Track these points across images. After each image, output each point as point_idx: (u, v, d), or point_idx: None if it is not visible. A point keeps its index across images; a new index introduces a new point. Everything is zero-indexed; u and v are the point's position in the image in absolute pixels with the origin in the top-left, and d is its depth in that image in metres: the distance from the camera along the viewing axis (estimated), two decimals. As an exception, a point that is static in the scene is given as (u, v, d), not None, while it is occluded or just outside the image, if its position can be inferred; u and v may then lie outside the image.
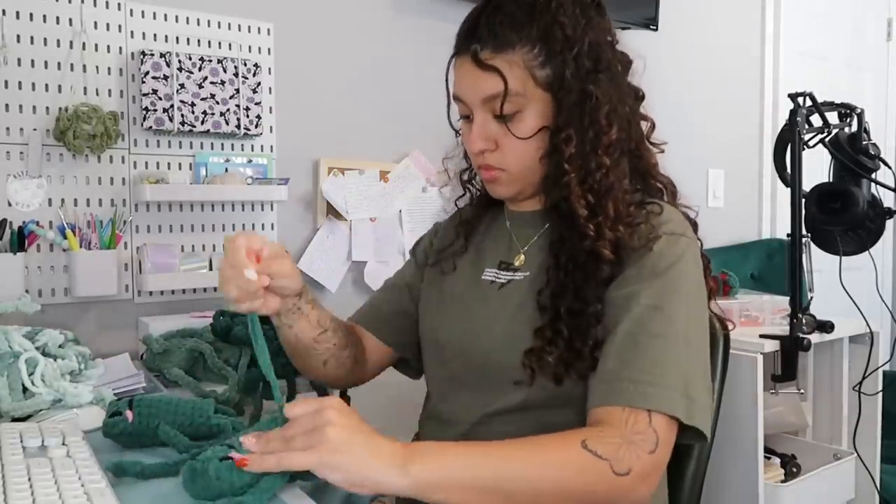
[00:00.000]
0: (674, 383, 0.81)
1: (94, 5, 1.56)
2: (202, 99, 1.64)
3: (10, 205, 1.48)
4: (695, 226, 0.98)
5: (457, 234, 1.10)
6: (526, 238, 1.01)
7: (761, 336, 1.62)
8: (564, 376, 0.87)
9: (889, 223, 1.74)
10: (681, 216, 0.95)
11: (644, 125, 1.00)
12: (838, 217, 1.70)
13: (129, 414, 0.89)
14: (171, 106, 1.61)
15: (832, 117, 1.72)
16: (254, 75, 1.71)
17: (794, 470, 1.70)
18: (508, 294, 0.96)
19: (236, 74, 1.68)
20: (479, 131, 0.93)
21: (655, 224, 0.90)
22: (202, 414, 0.92)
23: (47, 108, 1.51)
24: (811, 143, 1.70)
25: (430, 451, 0.76)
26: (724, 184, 2.85)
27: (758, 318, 1.79)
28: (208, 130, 1.66)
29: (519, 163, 0.94)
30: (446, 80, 0.97)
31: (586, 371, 0.86)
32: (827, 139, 1.71)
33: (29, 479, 0.71)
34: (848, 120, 1.72)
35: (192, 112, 1.63)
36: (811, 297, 1.70)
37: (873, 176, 1.71)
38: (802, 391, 1.83)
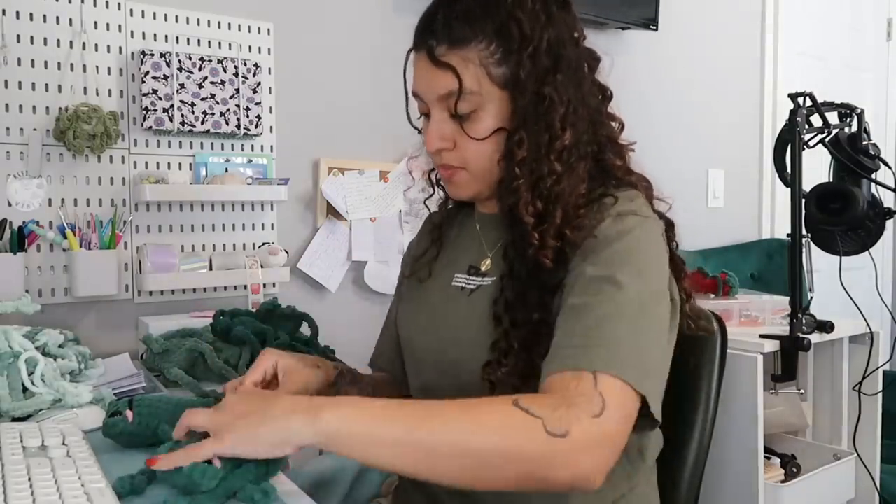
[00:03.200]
0: (624, 347, 0.75)
1: (94, 5, 1.56)
2: (202, 99, 1.64)
3: (10, 205, 1.48)
4: (669, 224, 0.93)
5: (431, 240, 1.07)
6: (493, 241, 0.97)
7: (761, 336, 1.62)
8: (522, 389, 0.81)
9: (889, 223, 1.74)
10: (639, 202, 0.88)
11: (614, 125, 0.95)
12: (838, 217, 1.69)
13: (129, 414, 0.89)
14: (171, 106, 1.61)
15: (832, 117, 1.72)
16: (254, 75, 1.71)
17: (794, 470, 1.70)
18: (476, 301, 0.93)
19: (236, 74, 1.68)
20: (435, 130, 0.90)
21: (604, 212, 0.85)
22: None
23: (47, 108, 1.51)
24: (811, 143, 1.70)
25: (343, 402, 0.74)
26: (724, 184, 2.85)
27: (758, 318, 1.79)
28: (208, 130, 1.66)
29: (476, 163, 0.90)
30: (404, 76, 0.94)
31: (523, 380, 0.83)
32: (827, 139, 1.71)
33: (29, 479, 0.71)
34: (848, 120, 1.72)
35: (192, 112, 1.63)
36: (811, 297, 1.70)
37: (873, 176, 1.71)
38: (802, 391, 1.83)
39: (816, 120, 1.70)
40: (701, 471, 1.04)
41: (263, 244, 1.77)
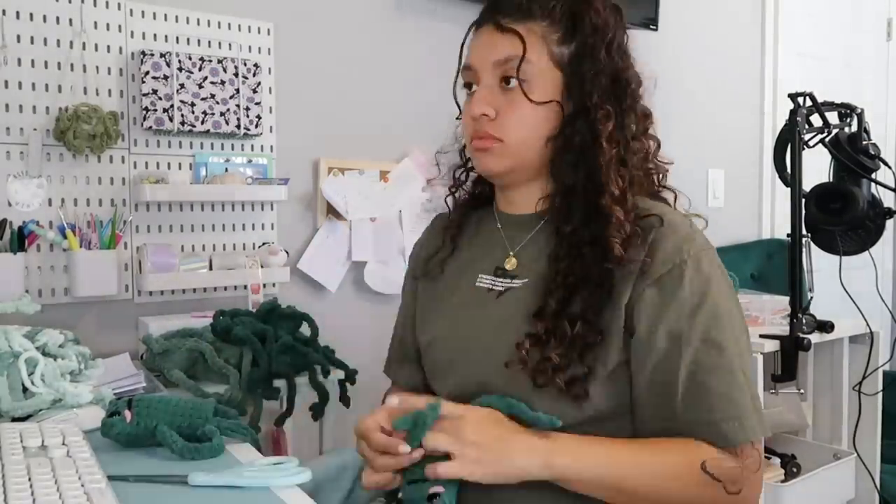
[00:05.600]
0: (747, 410, 0.84)
1: (94, 5, 1.56)
2: (202, 99, 1.64)
3: (10, 205, 1.48)
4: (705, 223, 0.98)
5: (443, 239, 1.05)
6: (517, 241, 0.97)
7: (761, 336, 1.62)
8: (549, 381, 0.83)
9: (889, 223, 1.74)
10: (688, 224, 0.91)
11: (651, 144, 0.97)
12: (838, 217, 1.69)
13: (127, 414, 0.89)
14: (171, 106, 1.61)
15: (832, 117, 1.72)
16: (254, 75, 1.71)
17: (794, 470, 1.70)
18: (506, 303, 0.92)
19: (236, 74, 1.68)
20: (483, 95, 0.91)
21: (672, 242, 0.86)
22: (201, 415, 0.91)
23: (47, 108, 1.51)
24: (811, 143, 1.70)
25: (572, 446, 0.83)
26: (724, 184, 2.85)
27: (758, 318, 1.79)
28: (208, 130, 1.66)
29: (519, 133, 0.90)
30: (460, 51, 0.96)
31: (572, 387, 0.84)
32: (827, 139, 1.71)
33: (29, 479, 0.71)
34: (848, 120, 1.72)
35: (192, 112, 1.63)
36: (811, 297, 1.70)
37: (873, 176, 1.71)
38: (802, 391, 1.83)
39: (816, 120, 1.70)
40: None
41: (263, 244, 1.77)
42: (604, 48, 0.90)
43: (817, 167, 1.77)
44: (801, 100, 1.67)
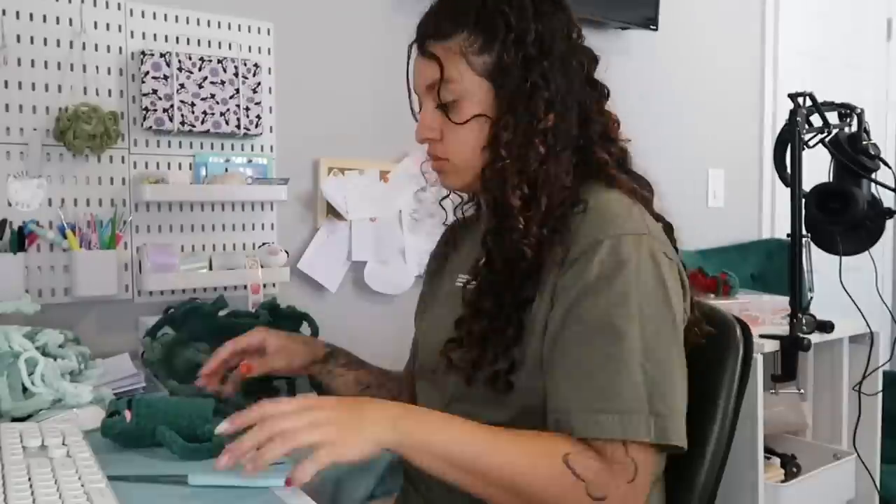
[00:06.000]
0: (634, 407, 0.78)
1: (94, 5, 1.56)
2: (202, 99, 1.64)
3: (10, 205, 1.48)
4: (668, 227, 0.93)
5: (445, 240, 1.12)
6: None
7: (761, 336, 1.62)
8: (472, 378, 0.86)
9: (889, 223, 1.74)
10: (623, 207, 0.87)
11: (606, 122, 0.95)
12: (838, 217, 1.69)
13: (127, 414, 0.89)
14: (171, 106, 1.61)
15: (832, 117, 1.72)
16: (254, 75, 1.71)
17: (794, 470, 1.70)
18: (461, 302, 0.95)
19: (236, 74, 1.68)
20: (423, 120, 0.95)
21: (593, 224, 0.84)
22: (201, 416, 0.91)
23: (47, 108, 1.51)
24: (811, 143, 1.70)
25: (421, 414, 0.82)
26: (724, 184, 2.85)
27: (758, 318, 1.79)
28: (208, 130, 1.66)
29: (460, 152, 0.93)
30: (407, 73, 0.99)
31: (495, 381, 0.85)
32: (827, 139, 1.72)
33: (29, 479, 0.71)
34: (848, 120, 1.72)
35: (192, 112, 1.63)
36: (811, 297, 1.70)
37: (873, 176, 1.71)
38: (802, 391, 1.83)
39: (816, 120, 1.70)
40: (716, 478, 0.99)
41: (263, 244, 1.77)
42: (513, 49, 0.88)
43: (817, 167, 1.77)
44: (801, 100, 1.68)
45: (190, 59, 1.63)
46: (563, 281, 0.84)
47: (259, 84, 1.72)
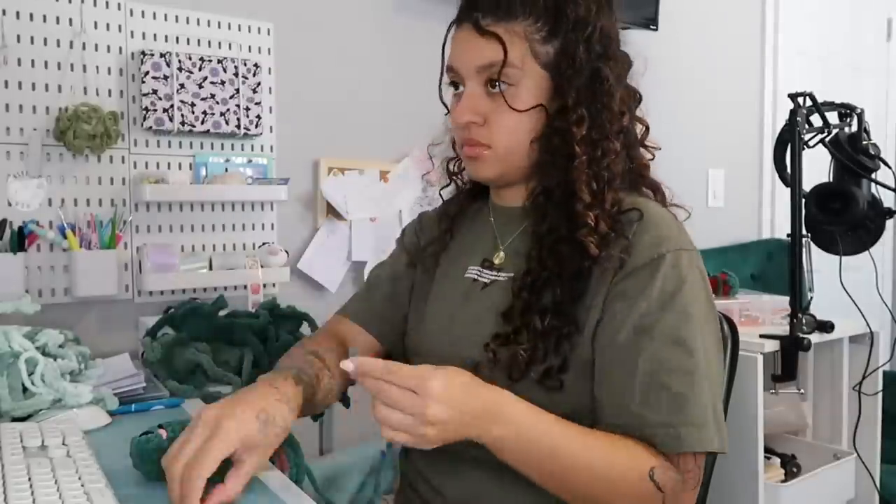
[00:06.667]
0: (706, 419, 0.80)
1: (94, 5, 1.56)
2: (202, 99, 1.64)
3: (10, 205, 1.48)
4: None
5: (441, 230, 1.05)
6: (508, 234, 0.96)
7: (761, 336, 1.62)
8: (523, 375, 0.84)
9: (889, 223, 1.73)
10: (672, 221, 0.89)
11: (639, 128, 0.96)
12: (838, 217, 1.69)
13: (162, 432, 0.81)
14: (171, 106, 1.61)
15: (832, 117, 1.72)
16: (254, 75, 1.71)
17: (794, 470, 1.70)
18: (489, 296, 0.92)
19: (236, 74, 1.68)
20: (468, 102, 0.89)
21: (653, 236, 0.85)
22: None
23: (47, 108, 1.51)
24: (811, 143, 1.70)
25: (517, 413, 0.78)
26: (724, 184, 2.85)
27: (758, 318, 1.79)
28: (208, 130, 1.66)
29: (507, 140, 0.89)
30: (442, 50, 0.93)
31: (546, 379, 0.84)
32: (827, 139, 1.71)
33: (29, 479, 0.71)
34: (848, 120, 1.71)
35: (192, 112, 1.63)
36: (811, 297, 1.70)
37: (873, 176, 1.71)
38: (802, 391, 1.83)
39: (816, 120, 1.70)
40: (709, 475, 1.03)
41: (263, 244, 1.77)
42: (583, 44, 0.87)
43: (817, 167, 1.77)
44: (801, 100, 1.67)
45: (190, 59, 1.63)
46: (623, 288, 0.84)
47: (259, 84, 1.72)
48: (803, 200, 1.69)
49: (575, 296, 0.85)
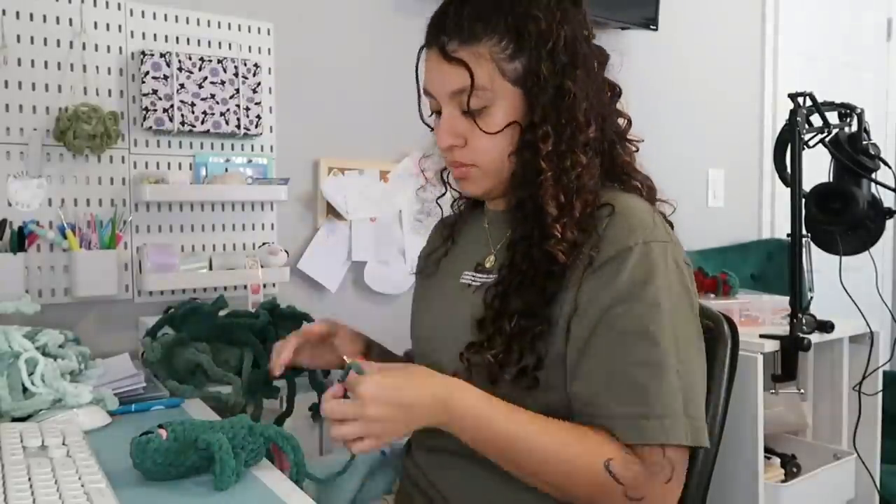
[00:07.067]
0: (673, 411, 0.80)
1: (94, 5, 1.56)
2: (202, 99, 1.64)
3: (10, 205, 1.48)
4: (670, 224, 0.93)
5: (442, 238, 1.09)
6: (498, 238, 0.98)
7: (761, 336, 1.62)
8: (499, 377, 0.86)
9: (889, 223, 1.74)
10: (646, 213, 0.88)
11: (621, 122, 0.96)
12: (838, 217, 1.69)
13: (162, 432, 0.82)
14: (171, 106, 1.61)
15: (832, 117, 1.72)
16: (254, 75, 1.71)
17: (794, 470, 1.70)
18: (476, 300, 0.93)
19: (236, 74, 1.68)
20: (446, 127, 0.91)
21: (622, 228, 0.85)
22: (240, 423, 0.86)
23: (47, 108, 1.51)
24: (811, 143, 1.70)
25: (469, 404, 0.82)
26: (724, 184, 2.85)
27: (758, 318, 1.79)
28: (208, 130, 1.66)
29: (488, 159, 0.91)
30: (416, 73, 0.95)
31: (521, 378, 0.85)
32: (827, 139, 1.71)
33: (29, 479, 0.71)
34: (848, 120, 1.71)
35: (192, 112, 1.63)
36: (811, 297, 1.70)
37: (873, 176, 1.71)
38: (802, 391, 1.83)
39: (816, 120, 1.70)
40: (709, 474, 1.02)
41: (263, 244, 1.77)
42: (546, 60, 0.86)
43: (817, 167, 1.77)
44: (801, 100, 1.67)
45: (190, 59, 1.63)
46: (592, 283, 0.84)
47: (259, 84, 1.72)
48: (803, 200, 1.69)
49: (547, 296, 0.86)
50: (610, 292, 0.83)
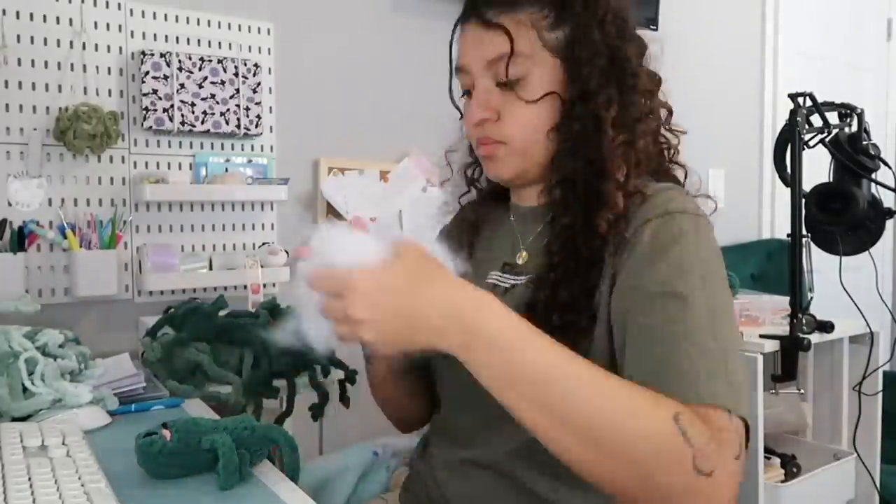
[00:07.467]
0: (719, 375, 0.69)
1: (94, 5, 1.56)
2: (202, 99, 1.64)
3: (10, 205, 1.48)
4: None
5: (460, 237, 1.02)
6: (529, 234, 0.93)
7: (761, 336, 1.62)
8: None
9: (889, 223, 1.74)
10: (678, 193, 0.83)
11: (662, 112, 0.93)
12: (838, 217, 1.69)
13: (165, 433, 0.81)
14: (171, 106, 1.61)
15: (832, 117, 1.72)
16: (254, 75, 1.71)
17: (794, 470, 1.70)
18: (511, 299, 0.88)
19: (236, 74, 1.68)
20: (480, 99, 0.87)
21: (651, 204, 0.80)
22: (244, 422, 0.86)
23: (47, 108, 1.51)
24: (811, 143, 1.70)
25: (499, 318, 0.68)
26: (724, 184, 2.85)
27: (758, 318, 1.79)
28: (208, 130, 1.66)
29: (523, 133, 0.86)
30: (450, 50, 0.91)
31: None
32: (827, 139, 1.72)
33: (29, 479, 0.71)
34: (848, 120, 1.72)
35: (192, 112, 1.63)
36: (811, 297, 1.70)
37: (873, 176, 1.71)
38: (802, 391, 1.83)
39: (816, 120, 1.70)
40: None
41: (263, 244, 1.77)
42: (597, 26, 0.84)
43: (817, 167, 1.77)
44: (801, 100, 1.68)
45: (190, 59, 1.63)
46: (617, 262, 0.80)
47: (259, 84, 1.72)
48: (803, 200, 1.69)
49: (590, 287, 0.81)
50: (632, 263, 0.78)
